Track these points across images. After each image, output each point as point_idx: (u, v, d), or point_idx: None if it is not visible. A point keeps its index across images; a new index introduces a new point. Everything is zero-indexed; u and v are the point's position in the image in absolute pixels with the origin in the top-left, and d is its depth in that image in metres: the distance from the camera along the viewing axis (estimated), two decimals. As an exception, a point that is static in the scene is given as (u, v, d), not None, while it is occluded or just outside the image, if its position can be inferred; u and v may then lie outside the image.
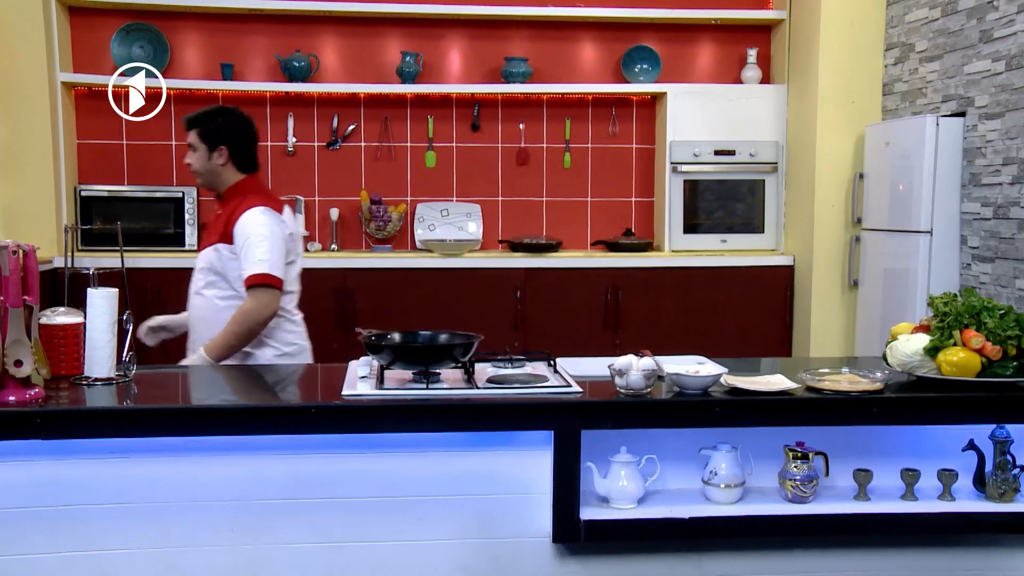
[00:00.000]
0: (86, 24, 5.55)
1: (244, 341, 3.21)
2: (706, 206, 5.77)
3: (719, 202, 5.78)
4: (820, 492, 2.57)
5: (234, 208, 3.31)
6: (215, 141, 3.36)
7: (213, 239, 3.34)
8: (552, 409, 2.39)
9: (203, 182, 3.45)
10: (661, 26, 5.89)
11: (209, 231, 3.47)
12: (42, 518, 2.32)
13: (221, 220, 3.35)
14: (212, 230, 3.42)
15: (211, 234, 3.41)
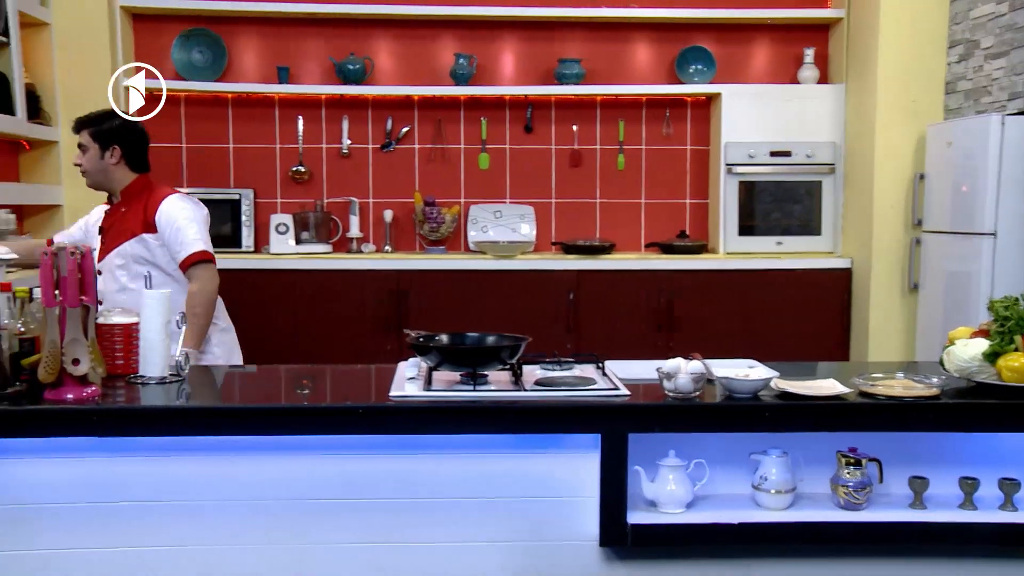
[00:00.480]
0: (149, 30, 5.65)
1: (208, 317, 3.50)
2: (762, 208, 5.70)
3: (775, 204, 5.71)
4: (874, 499, 2.52)
5: (145, 202, 3.49)
6: (107, 141, 3.51)
7: (127, 235, 3.47)
8: (599, 412, 2.38)
9: (93, 182, 3.57)
10: (716, 26, 5.83)
11: (117, 230, 3.53)
12: (96, 514, 2.36)
13: (132, 216, 3.49)
14: (121, 228, 3.51)
15: (122, 231, 3.50)
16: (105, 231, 3.57)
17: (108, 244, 3.54)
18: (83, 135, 3.53)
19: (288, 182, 5.78)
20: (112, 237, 3.53)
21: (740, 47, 5.89)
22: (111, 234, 3.54)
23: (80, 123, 3.56)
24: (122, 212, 3.55)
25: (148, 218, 3.48)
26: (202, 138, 5.73)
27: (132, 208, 3.53)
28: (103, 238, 3.56)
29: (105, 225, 3.58)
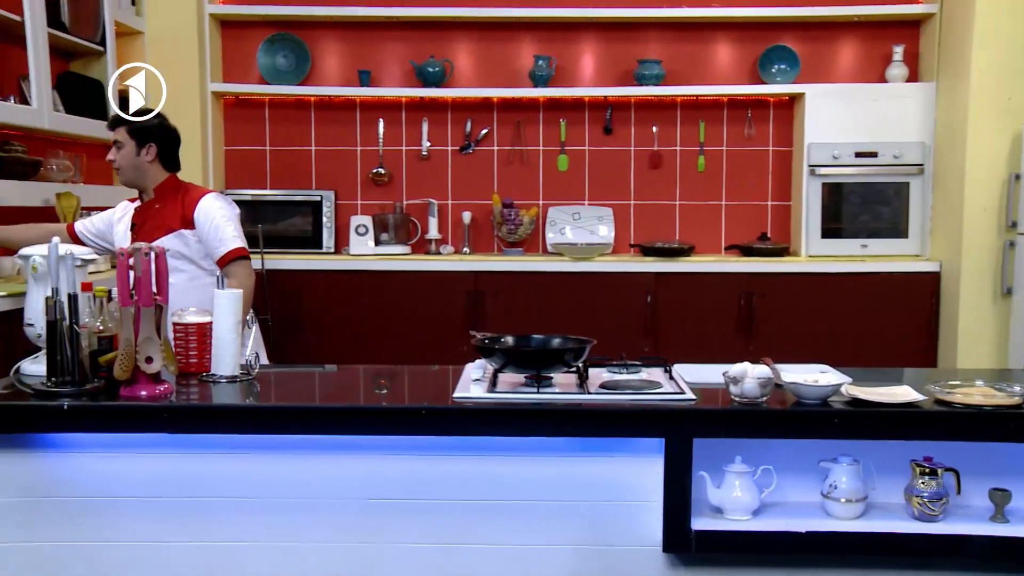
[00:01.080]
0: (236, 36, 5.78)
1: (246, 312, 3.47)
2: (846, 210, 5.57)
3: (860, 206, 5.57)
4: (951, 511, 2.45)
5: (182, 199, 3.63)
6: (144, 138, 3.62)
7: (164, 230, 3.58)
8: (662, 416, 2.35)
9: (126, 179, 3.66)
10: (800, 25, 5.72)
11: (152, 225, 3.62)
12: (169, 508, 2.42)
13: (169, 212, 3.61)
14: (157, 223, 3.61)
15: (158, 226, 3.59)
16: (138, 227, 3.66)
17: (142, 239, 3.58)
18: (119, 132, 3.62)
19: (368, 184, 5.85)
20: (147, 232, 3.61)
21: (825, 46, 5.77)
22: (146, 229, 3.62)
23: (117, 119, 3.65)
24: (156, 208, 3.65)
25: (186, 214, 3.59)
26: (285, 141, 5.85)
27: (167, 205, 3.64)
28: (135, 234, 3.64)
29: (137, 221, 3.68)
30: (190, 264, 3.63)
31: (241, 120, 5.83)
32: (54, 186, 4.17)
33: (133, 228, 3.67)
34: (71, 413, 2.27)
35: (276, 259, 5.42)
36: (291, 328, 5.43)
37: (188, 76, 5.43)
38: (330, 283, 5.44)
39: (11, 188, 3.93)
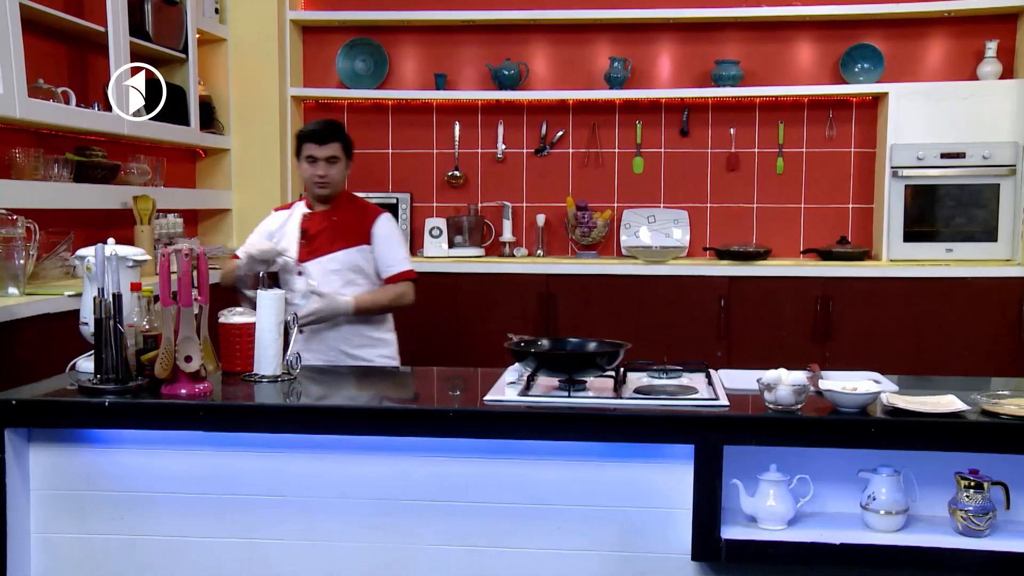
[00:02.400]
0: (317, 41, 5.91)
1: (386, 311, 3.80)
2: (931, 213, 5.39)
3: (946, 208, 5.38)
4: (998, 526, 2.35)
5: (360, 214, 3.76)
6: (350, 153, 3.80)
7: (346, 243, 3.69)
8: (692, 423, 2.32)
9: (331, 192, 3.74)
10: (885, 22, 5.56)
11: (330, 236, 3.71)
12: (206, 505, 2.49)
13: (350, 225, 3.72)
14: (336, 235, 3.70)
15: (337, 238, 3.70)
16: (311, 235, 3.71)
17: (319, 248, 3.70)
18: (334, 147, 3.70)
19: (444, 186, 5.91)
20: (325, 242, 3.69)
21: (911, 43, 5.59)
22: (322, 239, 3.70)
23: (331, 134, 3.71)
24: (333, 220, 3.72)
25: (365, 230, 3.72)
26: (364, 144, 5.91)
27: (345, 217, 3.73)
28: (309, 242, 3.70)
29: (309, 229, 3.72)
30: (366, 279, 3.74)
31: (321, 124, 5.94)
32: (132, 189, 4.32)
33: (305, 236, 3.72)
34: (112, 409, 2.36)
35: (351, 260, 5.50)
36: (366, 328, 5.51)
37: (269, 81, 5.57)
38: (404, 285, 5.49)
39: (91, 191, 4.09)
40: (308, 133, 3.74)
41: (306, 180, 3.77)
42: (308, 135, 3.72)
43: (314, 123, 3.82)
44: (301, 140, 3.74)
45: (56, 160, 3.85)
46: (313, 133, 3.72)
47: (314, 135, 3.71)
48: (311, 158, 3.70)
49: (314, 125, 3.80)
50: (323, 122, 3.81)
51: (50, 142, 4.01)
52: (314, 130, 3.74)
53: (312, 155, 3.69)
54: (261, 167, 5.61)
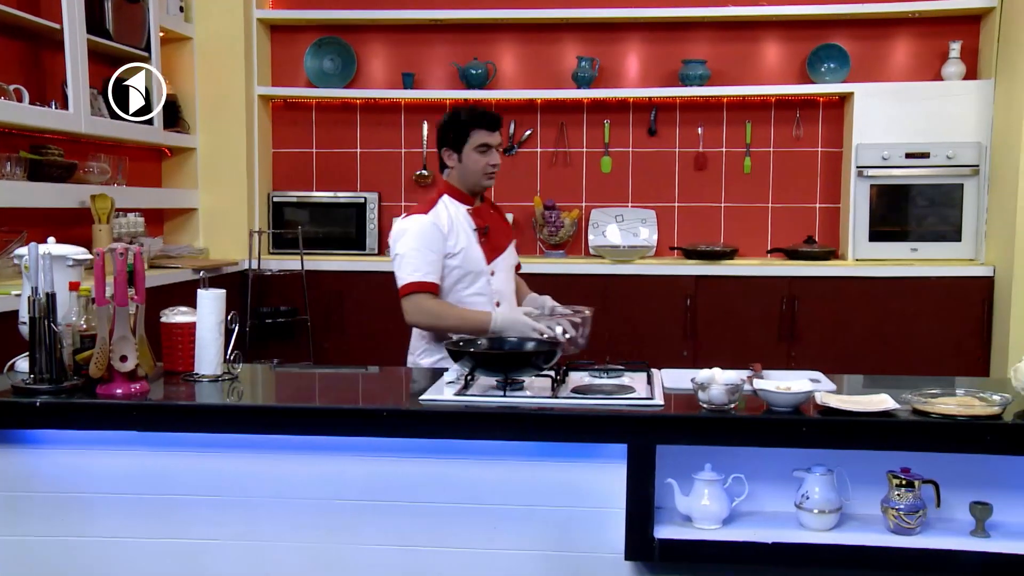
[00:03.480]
0: (285, 40, 5.89)
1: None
2: (896, 213, 5.40)
3: (911, 208, 5.40)
4: (930, 524, 2.36)
5: (497, 208, 3.60)
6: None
7: (510, 236, 3.57)
8: (625, 422, 2.32)
9: (492, 182, 3.41)
10: (851, 22, 5.57)
11: (499, 230, 3.49)
12: (142, 505, 2.48)
13: (501, 217, 3.59)
14: (502, 229, 3.53)
15: (505, 233, 3.54)
16: (488, 230, 3.39)
17: (499, 244, 3.44)
18: (499, 135, 3.35)
19: (412, 186, 5.90)
20: (498, 237, 3.45)
21: (877, 43, 5.61)
22: (495, 234, 3.43)
23: (501, 122, 3.37)
24: (491, 212, 3.50)
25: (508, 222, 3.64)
26: (331, 143, 5.93)
27: (495, 210, 3.56)
28: (488, 238, 3.38)
29: (482, 226, 3.38)
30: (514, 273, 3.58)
31: (289, 123, 5.94)
32: (91, 188, 4.31)
33: (482, 231, 3.36)
34: (43, 410, 2.34)
35: (318, 260, 5.50)
36: (333, 329, 5.51)
37: (235, 80, 5.55)
38: (371, 284, 5.49)
39: (47, 190, 4.07)
40: (480, 119, 3.30)
41: (474, 172, 3.32)
42: (480, 121, 3.29)
43: (472, 107, 3.36)
44: (469, 126, 3.29)
45: (10, 159, 3.83)
46: (486, 118, 3.30)
47: (488, 120, 3.30)
48: (484, 146, 3.29)
49: (475, 111, 3.33)
50: (482, 107, 3.39)
51: (4, 140, 3.99)
52: (487, 115, 3.31)
53: (486, 143, 3.29)
54: (228, 166, 5.59)
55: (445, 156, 3.38)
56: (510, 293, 3.47)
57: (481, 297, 3.35)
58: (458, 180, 3.38)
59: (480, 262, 3.34)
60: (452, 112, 3.37)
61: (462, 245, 3.30)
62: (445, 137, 3.36)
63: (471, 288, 3.35)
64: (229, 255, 5.50)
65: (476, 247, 3.33)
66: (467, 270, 3.32)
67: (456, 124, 3.32)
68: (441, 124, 3.38)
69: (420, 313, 3.24)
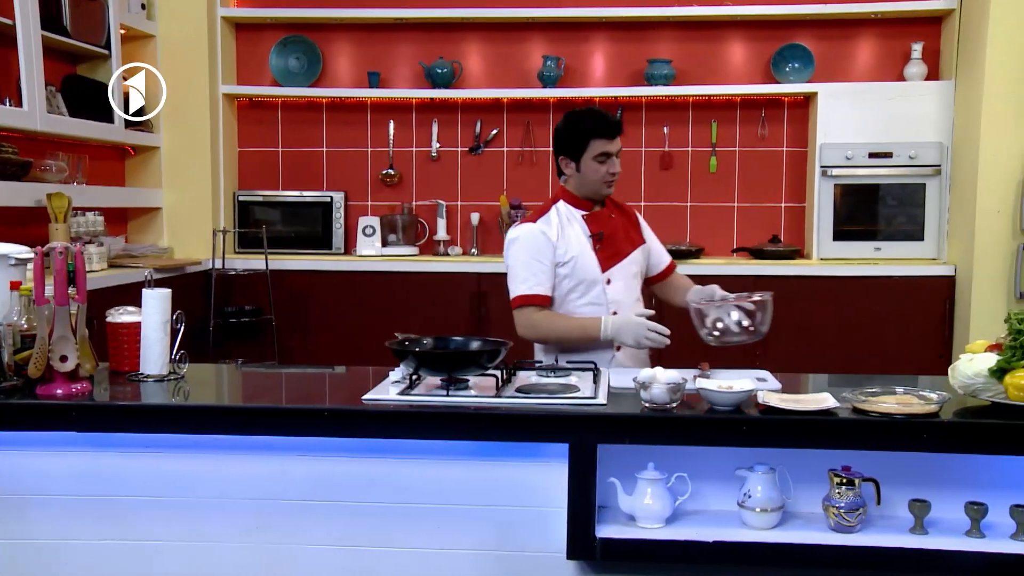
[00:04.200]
0: (250, 39, 5.86)
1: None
2: (860, 212, 5.43)
3: (874, 208, 5.42)
4: (870, 522, 2.37)
5: (620, 209, 3.41)
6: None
7: (632, 244, 3.34)
8: (566, 421, 2.32)
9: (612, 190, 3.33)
10: (816, 22, 5.59)
11: (621, 237, 3.32)
12: (85, 506, 2.46)
13: (627, 222, 3.38)
14: (623, 236, 3.33)
15: (627, 239, 3.34)
16: (604, 237, 3.26)
17: (618, 251, 3.29)
18: (618, 141, 3.25)
19: (379, 185, 5.89)
20: (617, 245, 3.29)
21: (841, 43, 5.63)
22: (615, 241, 3.28)
23: (620, 125, 3.26)
24: (611, 218, 3.31)
25: (637, 226, 3.40)
26: (297, 142, 5.91)
27: (619, 215, 3.37)
28: (604, 245, 3.25)
29: (597, 232, 3.26)
30: (639, 281, 3.39)
31: (255, 122, 5.92)
32: (47, 187, 4.27)
33: (597, 238, 3.24)
34: (-22, 410, 2.33)
35: (283, 259, 5.48)
36: (298, 329, 5.49)
37: (199, 79, 5.52)
38: (336, 284, 5.48)
39: (1, 188, 4.03)
40: (599, 128, 3.18)
41: (593, 181, 3.22)
42: (600, 130, 3.18)
43: (593, 111, 3.24)
44: (588, 136, 3.17)
45: (-38, 157, 3.80)
46: (606, 126, 3.18)
47: (607, 129, 3.18)
48: (604, 155, 3.18)
49: (597, 117, 3.21)
50: (602, 112, 3.25)
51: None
52: (606, 123, 3.19)
53: (606, 152, 3.18)
54: (192, 165, 5.56)
55: (563, 164, 3.27)
56: (632, 303, 3.29)
57: (595, 307, 3.22)
58: (576, 188, 3.28)
59: (594, 270, 3.22)
60: (570, 118, 3.24)
61: (573, 253, 3.20)
62: (562, 144, 3.25)
63: (584, 298, 3.23)
64: (194, 255, 5.47)
65: (589, 254, 3.22)
66: (579, 279, 3.21)
67: (574, 133, 3.21)
68: (558, 130, 3.26)
69: (528, 327, 3.20)
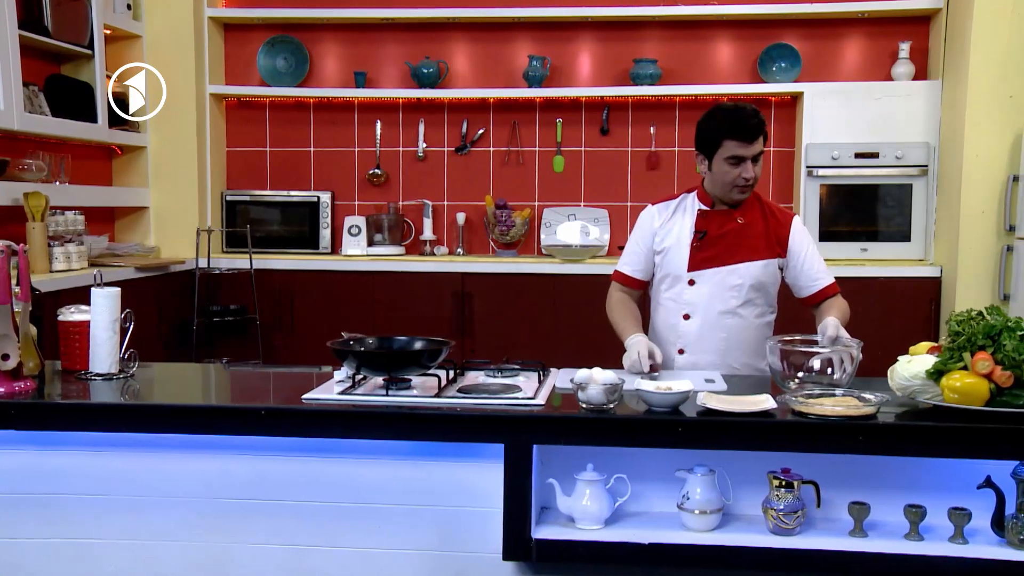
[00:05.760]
0: (238, 39, 5.88)
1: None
2: (846, 212, 5.39)
3: (860, 208, 5.39)
4: (810, 525, 2.35)
5: (768, 217, 3.10)
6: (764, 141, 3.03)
7: (756, 254, 3.07)
8: (499, 422, 2.31)
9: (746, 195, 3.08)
10: (803, 22, 5.56)
11: (735, 241, 3.08)
12: (28, 505, 2.47)
13: (756, 231, 3.08)
14: (746, 243, 3.07)
15: (749, 248, 3.07)
16: (711, 239, 3.08)
17: (718, 256, 3.08)
18: (761, 141, 2.98)
19: (365, 185, 5.89)
20: (725, 249, 3.07)
21: (828, 43, 5.60)
22: (723, 245, 3.08)
23: (760, 126, 2.97)
24: (739, 223, 3.08)
25: (781, 238, 3.09)
26: (285, 142, 5.92)
27: (753, 220, 3.09)
28: (704, 247, 3.09)
29: (710, 231, 3.09)
30: (764, 299, 3.13)
31: (243, 122, 5.93)
32: (23, 185, 4.29)
33: (703, 238, 3.08)
34: (-84, 409, 2.34)
35: (270, 259, 5.49)
36: (283, 328, 5.50)
37: (185, 78, 5.54)
38: (321, 284, 5.49)
39: (-24, 188, 4.07)
40: (733, 128, 2.94)
41: (723, 183, 3.02)
42: (734, 130, 2.94)
43: (733, 112, 2.97)
44: (720, 135, 2.96)
45: (-64, 156, 3.83)
46: (739, 128, 2.93)
47: (742, 130, 2.93)
48: (735, 158, 2.95)
49: (733, 116, 2.96)
50: (744, 110, 2.96)
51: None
52: (738, 124, 2.94)
53: (737, 155, 2.94)
54: (179, 165, 5.58)
55: (697, 160, 3.11)
56: (716, 313, 3.09)
57: (674, 304, 3.15)
58: (708, 185, 3.11)
59: (679, 266, 3.11)
60: (709, 113, 3.06)
61: (668, 244, 3.13)
62: (698, 140, 3.08)
63: (669, 292, 3.16)
64: (181, 254, 5.49)
65: (684, 250, 3.10)
66: (667, 271, 3.15)
67: (708, 129, 3.02)
68: (697, 124, 3.09)
69: (608, 302, 3.29)
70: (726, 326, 3.11)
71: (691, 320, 3.14)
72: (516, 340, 5.28)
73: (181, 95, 5.55)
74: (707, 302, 3.11)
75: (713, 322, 3.11)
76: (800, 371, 2.57)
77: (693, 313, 3.13)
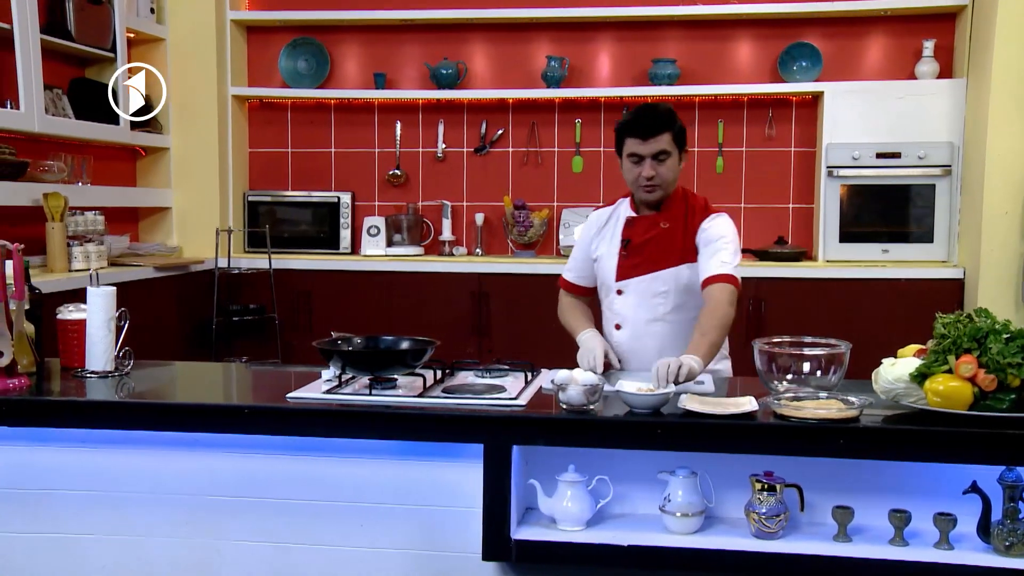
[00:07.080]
0: (260, 41, 5.94)
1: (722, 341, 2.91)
2: (867, 213, 5.32)
3: (882, 209, 5.31)
4: (794, 529, 2.33)
5: (689, 218, 3.01)
6: (683, 143, 2.98)
7: (670, 259, 3.00)
8: (479, 422, 2.31)
9: (662, 195, 3.00)
10: (824, 20, 5.49)
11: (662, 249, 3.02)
12: (17, 501, 2.51)
13: (676, 234, 3.01)
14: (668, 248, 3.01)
15: (671, 253, 3.01)
16: (635, 245, 3.04)
17: (642, 264, 3.03)
18: (665, 139, 2.91)
19: (385, 185, 5.92)
20: (649, 256, 3.03)
21: (850, 42, 5.53)
22: (650, 251, 3.03)
23: (658, 123, 2.91)
24: (662, 228, 3.02)
25: (692, 237, 3.00)
26: (306, 143, 5.97)
27: (676, 225, 3.01)
28: (631, 255, 3.05)
29: (633, 239, 3.04)
30: (697, 301, 2.98)
31: (264, 123, 5.99)
32: (43, 186, 4.37)
33: (627, 246, 3.04)
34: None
35: (290, 259, 5.54)
36: (302, 328, 5.54)
37: (208, 81, 5.61)
38: (340, 283, 5.53)
39: (0, 188, 4.15)
40: (628, 125, 2.95)
41: (629, 182, 3.02)
42: (628, 127, 2.95)
43: (636, 110, 2.98)
44: (621, 134, 2.98)
45: (-45, 158, 3.91)
46: (634, 124, 2.92)
47: (636, 127, 2.92)
48: (634, 156, 2.93)
49: (635, 113, 2.96)
50: (647, 108, 2.95)
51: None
52: (635, 121, 2.93)
53: (635, 152, 2.92)
54: (201, 166, 5.65)
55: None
56: (644, 323, 3.05)
57: (609, 312, 3.13)
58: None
59: (608, 276, 3.09)
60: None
61: (601, 252, 3.12)
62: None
63: (605, 301, 3.16)
64: (202, 253, 5.55)
65: (612, 259, 3.08)
66: (601, 280, 3.14)
67: (616, 128, 3.02)
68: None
69: (559, 307, 3.31)
70: (656, 334, 3.04)
71: (622, 330, 3.10)
72: (534, 340, 5.26)
73: (204, 97, 5.62)
74: (634, 312, 3.07)
75: (642, 332, 3.06)
76: (789, 373, 2.54)
77: (623, 323, 3.10)
